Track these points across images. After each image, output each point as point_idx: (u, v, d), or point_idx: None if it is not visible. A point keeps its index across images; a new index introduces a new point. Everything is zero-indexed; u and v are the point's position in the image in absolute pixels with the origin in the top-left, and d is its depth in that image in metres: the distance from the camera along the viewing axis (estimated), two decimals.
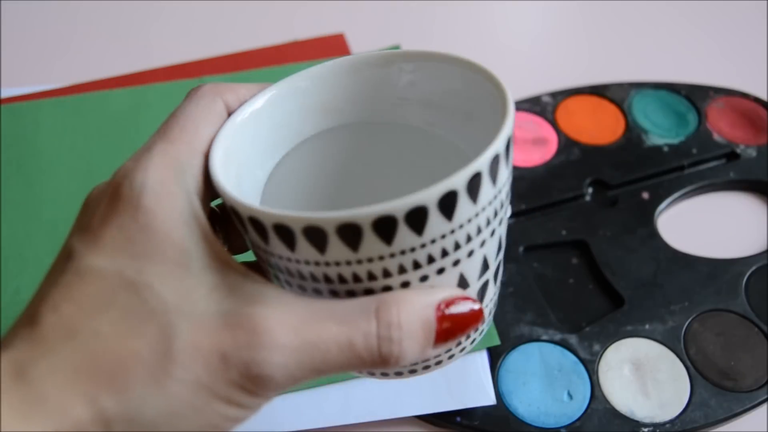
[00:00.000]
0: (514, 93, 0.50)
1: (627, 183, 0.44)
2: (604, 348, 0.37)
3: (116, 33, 0.56)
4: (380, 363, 0.19)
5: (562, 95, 0.49)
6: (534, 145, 0.46)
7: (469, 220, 0.19)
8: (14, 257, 0.41)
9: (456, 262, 0.20)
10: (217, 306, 0.19)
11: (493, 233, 0.21)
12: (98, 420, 0.17)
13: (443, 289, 0.20)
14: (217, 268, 0.20)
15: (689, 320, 0.37)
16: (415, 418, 0.35)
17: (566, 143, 0.46)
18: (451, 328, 0.20)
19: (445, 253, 0.20)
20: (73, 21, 0.58)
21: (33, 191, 0.44)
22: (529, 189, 0.43)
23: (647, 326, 0.37)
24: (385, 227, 0.18)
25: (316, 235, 0.18)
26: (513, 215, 0.43)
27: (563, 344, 0.37)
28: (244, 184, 0.24)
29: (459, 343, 0.23)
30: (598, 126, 0.47)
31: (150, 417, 0.17)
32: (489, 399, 0.35)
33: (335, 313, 0.19)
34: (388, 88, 0.26)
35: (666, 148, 0.45)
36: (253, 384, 0.18)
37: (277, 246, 0.19)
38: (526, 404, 0.35)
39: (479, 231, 0.20)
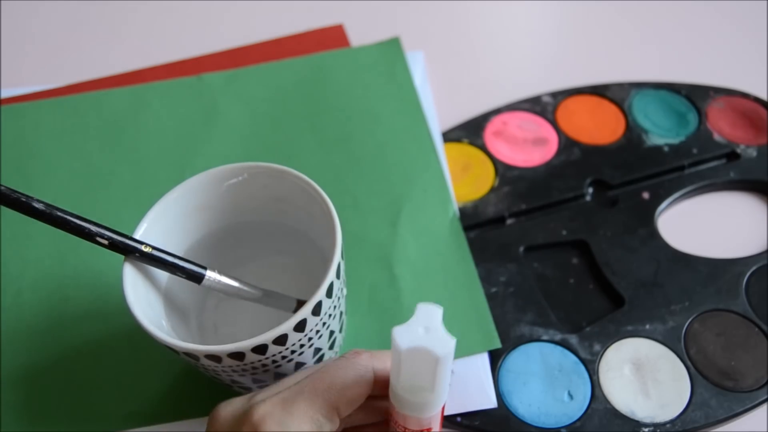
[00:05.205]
0: (514, 93, 0.50)
1: (627, 183, 0.44)
2: (605, 348, 0.37)
3: (115, 32, 0.56)
4: None
5: (562, 95, 0.49)
6: (534, 145, 0.46)
7: (299, 339, 0.29)
8: (15, 259, 0.41)
9: (300, 353, 0.30)
10: None
11: (321, 335, 0.30)
12: None
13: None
14: None
15: (689, 320, 0.37)
16: None
17: (566, 143, 0.46)
18: None
19: (293, 352, 0.29)
20: (72, 21, 0.58)
21: (33, 192, 0.44)
22: (530, 189, 0.44)
23: (648, 326, 0.37)
24: (258, 348, 0.27)
25: (235, 355, 0.27)
26: (513, 215, 0.43)
27: (564, 344, 0.37)
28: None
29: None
30: (599, 126, 0.47)
31: None
32: (490, 402, 0.35)
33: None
34: (245, 191, 0.33)
35: (666, 148, 0.45)
36: None
37: (229, 362, 0.28)
38: (526, 404, 0.35)
39: (310, 338, 0.29)
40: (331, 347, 0.33)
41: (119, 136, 0.47)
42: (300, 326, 0.28)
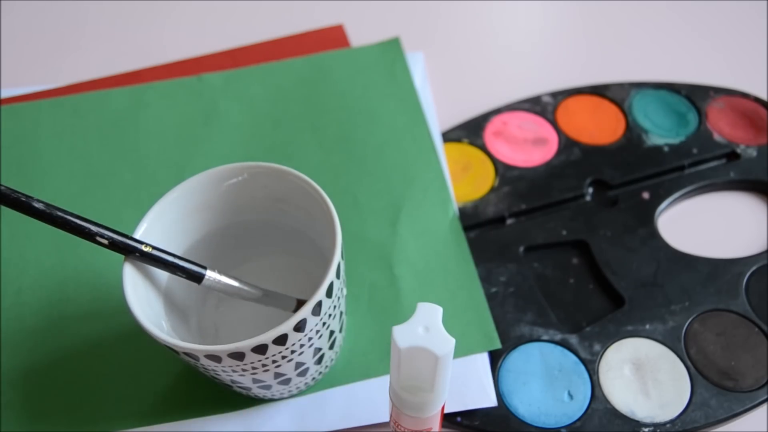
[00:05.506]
0: (514, 93, 0.50)
1: (627, 183, 0.44)
2: (605, 348, 0.37)
3: (115, 32, 0.56)
4: None
5: (562, 95, 0.49)
6: (534, 145, 0.46)
7: (299, 339, 0.29)
8: (15, 258, 0.41)
9: (298, 354, 0.30)
10: None
11: (321, 335, 0.30)
12: None
13: None
14: None
15: (689, 320, 0.37)
16: None
17: (566, 143, 0.46)
18: None
19: (293, 352, 0.29)
20: (72, 21, 0.58)
21: (33, 192, 0.44)
22: (530, 189, 0.44)
23: (648, 326, 0.37)
24: (258, 348, 0.27)
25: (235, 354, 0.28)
26: (513, 215, 0.43)
27: (564, 344, 0.37)
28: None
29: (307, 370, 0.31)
30: (599, 126, 0.47)
31: None
32: (490, 401, 0.35)
33: None
34: (245, 191, 0.33)
35: (666, 148, 0.45)
36: None
37: (229, 362, 0.28)
38: (526, 404, 0.35)
39: (310, 338, 0.29)
40: (331, 347, 0.33)
41: (119, 136, 0.47)
42: (300, 326, 0.28)
